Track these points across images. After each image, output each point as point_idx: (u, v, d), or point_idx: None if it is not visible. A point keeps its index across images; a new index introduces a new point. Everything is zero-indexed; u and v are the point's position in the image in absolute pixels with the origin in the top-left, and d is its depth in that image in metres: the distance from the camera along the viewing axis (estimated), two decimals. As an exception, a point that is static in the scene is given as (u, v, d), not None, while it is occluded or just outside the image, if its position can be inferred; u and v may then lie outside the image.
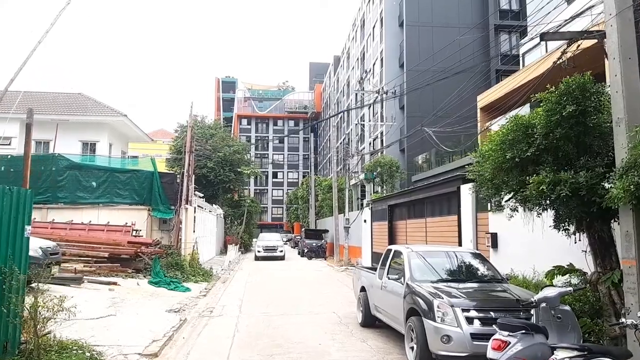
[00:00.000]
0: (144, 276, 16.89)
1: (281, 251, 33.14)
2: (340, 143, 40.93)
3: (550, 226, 7.89)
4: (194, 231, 21.99)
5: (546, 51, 25.06)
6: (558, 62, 7.92)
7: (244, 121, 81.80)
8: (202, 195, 25.52)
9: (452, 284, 7.48)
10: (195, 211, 22.35)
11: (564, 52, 7.73)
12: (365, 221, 26.09)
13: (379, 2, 38.75)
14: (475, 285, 7.67)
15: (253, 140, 76.76)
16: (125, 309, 11.49)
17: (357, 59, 45.99)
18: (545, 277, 8.47)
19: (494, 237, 12.10)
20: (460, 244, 14.00)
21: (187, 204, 21.04)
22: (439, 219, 16.04)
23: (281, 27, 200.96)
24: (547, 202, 7.35)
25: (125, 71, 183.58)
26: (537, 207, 7.55)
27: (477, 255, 8.66)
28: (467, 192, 13.70)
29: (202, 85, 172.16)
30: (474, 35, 33.83)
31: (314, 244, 34.30)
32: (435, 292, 6.96)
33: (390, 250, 9.29)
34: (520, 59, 27.11)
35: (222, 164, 39.03)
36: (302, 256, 36.29)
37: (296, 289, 16.93)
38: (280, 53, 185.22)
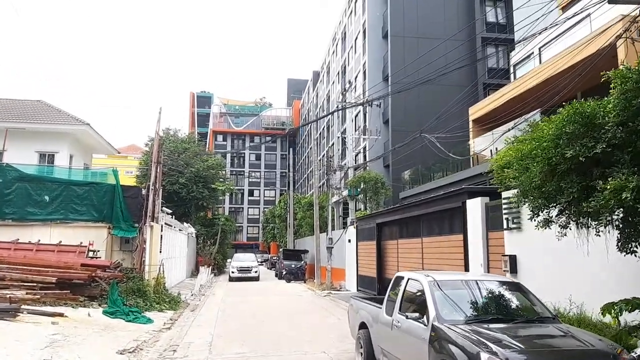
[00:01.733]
0: (99, 304, 14.54)
1: (256, 272, 33.07)
2: (321, 159, 39.22)
3: (617, 248, 6.08)
4: (160, 252, 19.64)
5: (540, 62, 23.94)
6: (624, 36, 6.25)
7: (220, 137, 79.38)
8: (170, 211, 23.21)
9: (495, 326, 5.57)
10: (162, 229, 20.06)
11: (634, 21, 6.06)
12: (349, 241, 24.15)
13: (361, 13, 37.48)
14: (524, 327, 5.77)
15: (228, 157, 74.27)
16: (66, 351, 9.22)
17: (338, 73, 44.55)
18: (602, 313, 6.63)
19: (513, 260, 10.29)
20: (466, 268, 12.18)
21: (152, 220, 18.74)
22: (439, 239, 14.22)
23: (259, 42, 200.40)
24: (622, 215, 5.57)
25: (97, 83, 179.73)
26: (604, 223, 5.75)
27: (515, 286, 6.78)
28: (475, 208, 11.94)
29: (176, 100, 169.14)
30: (460, 47, 32.71)
31: (293, 266, 32.09)
32: (478, 339, 5.03)
33: (402, 278, 7.34)
34: (512, 70, 25.91)
35: (195, 179, 36.86)
36: (280, 278, 34.00)
37: (276, 320, 14.79)
38: (258, 69, 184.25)
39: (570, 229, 6.34)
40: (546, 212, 6.45)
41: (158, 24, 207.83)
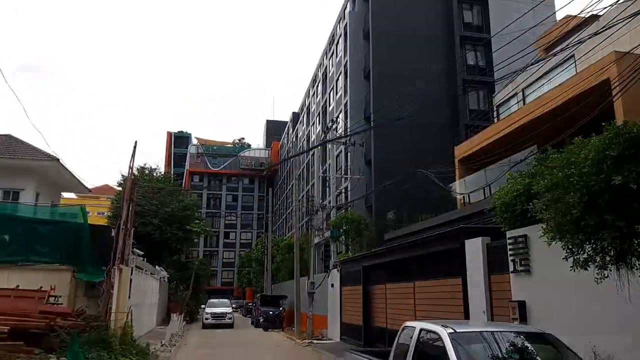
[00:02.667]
0: (58, 358, 12.92)
1: (230, 318, 32.29)
2: (300, 199, 38.21)
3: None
4: (128, 297, 18.09)
5: (524, 102, 23.87)
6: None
7: (196, 178, 77.92)
8: (142, 253, 21.69)
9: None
10: (132, 273, 18.56)
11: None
12: (332, 285, 22.91)
13: (342, 55, 37.58)
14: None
15: (204, 199, 72.65)
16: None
17: (319, 114, 44.33)
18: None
19: (522, 306, 9.34)
20: (467, 315, 11.18)
21: (122, 263, 17.28)
22: (434, 283, 13.22)
23: (238, 84, 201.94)
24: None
25: (71, 121, 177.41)
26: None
27: (546, 338, 5.80)
28: (475, 248, 11.07)
29: (153, 140, 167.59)
30: (442, 88, 32.85)
31: (271, 312, 30.40)
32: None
33: (412, 328, 6.31)
34: (495, 111, 25.81)
35: (170, 221, 35.35)
36: (256, 326, 32.17)
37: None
38: (237, 111, 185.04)
39: (611, 270, 5.47)
40: (577, 249, 5.58)
41: (134, 62, 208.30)
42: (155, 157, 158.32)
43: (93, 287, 17.85)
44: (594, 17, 18.73)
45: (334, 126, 27.18)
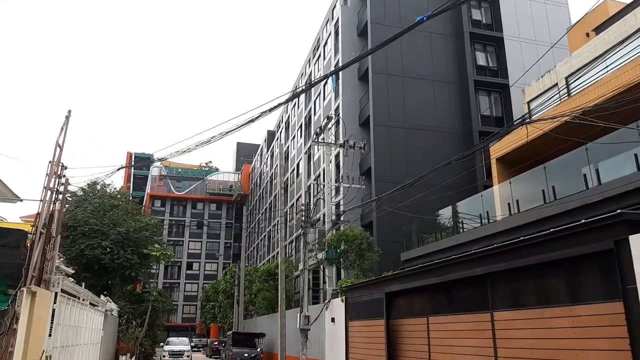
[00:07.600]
0: None
1: (188, 357, 32.52)
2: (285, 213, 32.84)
3: None
4: (49, 335, 12.25)
5: (568, 92, 19.78)
6: None
7: (158, 202, 71.20)
8: (71, 271, 15.78)
9: None
10: (56, 300, 12.75)
11: None
12: (333, 320, 17.54)
13: (333, 55, 33.23)
14: None
15: (166, 225, 66.00)
16: None
17: (301, 126, 39.57)
18: None
19: None
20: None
21: (38, 284, 11.60)
22: (542, 312, 8.16)
23: (205, 105, 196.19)
24: None
25: (23, 140, 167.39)
26: None
27: None
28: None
29: (113, 160, 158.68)
30: (451, 90, 28.77)
31: (246, 354, 24.55)
32: None
33: None
34: (527, 108, 21.62)
35: (123, 243, 29.38)
36: (226, 371, 26.25)
37: None
38: (204, 132, 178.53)
39: None
40: None
41: (96, 82, 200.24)
42: (113, 180, 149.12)
43: (-6, 319, 12.07)
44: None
45: (329, 124, 22.31)
